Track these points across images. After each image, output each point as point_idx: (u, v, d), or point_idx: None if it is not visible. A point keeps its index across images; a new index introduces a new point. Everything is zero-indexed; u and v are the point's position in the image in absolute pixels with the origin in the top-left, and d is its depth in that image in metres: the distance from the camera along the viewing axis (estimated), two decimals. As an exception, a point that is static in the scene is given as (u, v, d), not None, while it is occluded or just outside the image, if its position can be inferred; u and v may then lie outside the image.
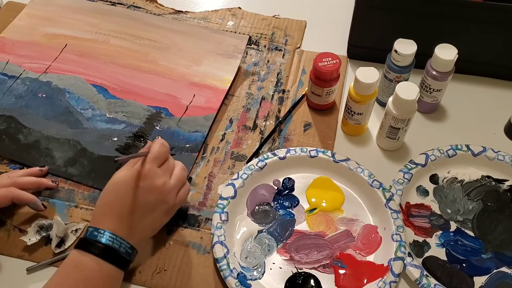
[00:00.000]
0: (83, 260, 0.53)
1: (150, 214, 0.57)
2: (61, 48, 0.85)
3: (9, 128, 0.74)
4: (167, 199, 0.58)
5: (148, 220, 0.57)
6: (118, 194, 0.56)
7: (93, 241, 0.54)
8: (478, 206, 0.68)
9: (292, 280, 0.61)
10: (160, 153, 0.58)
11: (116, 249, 0.54)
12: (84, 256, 0.53)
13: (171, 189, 0.58)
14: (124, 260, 0.55)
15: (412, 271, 0.60)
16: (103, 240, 0.54)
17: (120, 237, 0.55)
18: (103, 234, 0.54)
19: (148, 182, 0.56)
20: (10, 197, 0.62)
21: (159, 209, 0.58)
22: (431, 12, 0.74)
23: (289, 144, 0.74)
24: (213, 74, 0.81)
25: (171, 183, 0.59)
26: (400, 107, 0.67)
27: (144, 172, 0.56)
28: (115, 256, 0.54)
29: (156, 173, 0.57)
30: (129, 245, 0.55)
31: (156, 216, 0.58)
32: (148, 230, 0.59)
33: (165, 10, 0.92)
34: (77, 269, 0.53)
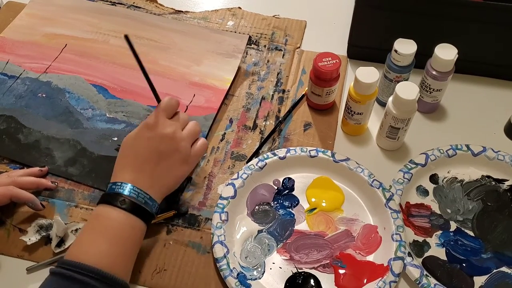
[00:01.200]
0: (104, 212, 0.56)
1: (165, 162, 0.59)
2: (61, 48, 0.85)
3: (9, 128, 0.74)
4: (180, 147, 0.60)
5: (164, 168, 0.59)
6: (131, 147, 0.59)
7: (112, 194, 0.56)
8: (478, 206, 0.68)
9: (292, 280, 0.61)
10: (169, 105, 0.61)
11: (135, 199, 0.56)
12: (104, 208, 0.56)
13: (182, 138, 0.60)
14: (144, 211, 0.57)
15: (412, 271, 0.60)
16: (120, 191, 0.56)
17: (138, 188, 0.57)
18: (121, 186, 0.56)
19: (158, 131, 0.59)
20: (9, 195, 0.62)
21: (173, 157, 0.60)
22: (431, 12, 0.74)
23: (289, 144, 0.74)
24: (213, 74, 0.81)
25: (183, 133, 0.61)
26: (400, 107, 0.67)
27: (153, 122, 0.59)
28: (136, 207, 0.56)
29: (165, 123, 0.60)
30: (148, 195, 0.57)
31: (171, 164, 0.60)
32: (166, 180, 0.60)
33: (165, 10, 0.92)
34: (97, 219, 0.56)
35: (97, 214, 0.57)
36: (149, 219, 0.58)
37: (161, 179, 0.59)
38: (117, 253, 0.55)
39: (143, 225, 0.57)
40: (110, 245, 0.54)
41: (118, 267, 0.54)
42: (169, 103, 0.61)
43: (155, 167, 0.58)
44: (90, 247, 0.54)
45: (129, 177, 0.57)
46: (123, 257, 0.55)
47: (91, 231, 0.56)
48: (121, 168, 0.59)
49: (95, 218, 0.56)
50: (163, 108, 0.60)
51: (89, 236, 0.55)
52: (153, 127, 0.59)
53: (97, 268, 0.52)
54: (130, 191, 0.56)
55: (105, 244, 0.54)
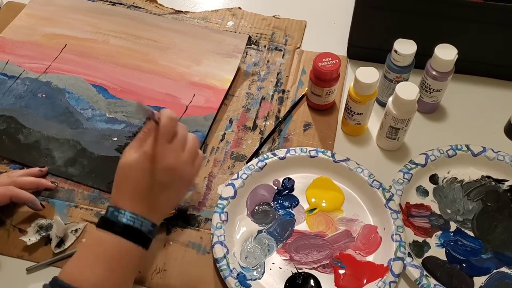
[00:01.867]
0: (104, 237, 0.54)
1: (168, 190, 0.57)
2: (60, 48, 0.85)
3: (9, 128, 0.74)
4: (183, 174, 0.57)
5: (167, 196, 0.57)
6: (131, 176, 0.55)
7: (114, 221, 0.54)
8: (478, 206, 0.68)
9: (291, 280, 0.61)
10: (168, 127, 0.56)
11: (137, 229, 0.54)
12: (105, 234, 0.54)
13: (185, 163, 0.57)
14: (143, 236, 0.55)
15: (412, 271, 0.60)
16: (124, 220, 0.54)
17: (140, 216, 0.55)
18: (124, 214, 0.54)
19: (162, 164, 0.55)
20: (9, 195, 0.62)
21: (176, 184, 0.57)
22: (431, 12, 0.74)
23: (289, 144, 0.74)
24: (213, 74, 0.81)
25: (185, 156, 0.57)
26: (400, 107, 0.67)
27: (153, 152, 0.55)
28: (136, 235, 0.54)
29: (167, 152, 0.56)
30: (150, 223, 0.55)
31: (175, 191, 0.58)
32: (168, 205, 0.59)
33: (165, 10, 0.92)
34: (98, 245, 0.54)
35: (94, 237, 0.55)
36: (148, 244, 0.56)
37: (162, 205, 0.57)
38: (114, 280, 0.53)
39: (142, 250, 0.55)
40: (109, 273, 0.53)
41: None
42: (168, 125, 0.56)
43: (157, 196, 0.56)
44: (87, 271, 0.52)
45: (129, 205, 0.55)
46: (120, 284, 0.54)
47: (87, 254, 0.54)
48: (120, 193, 0.56)
49: (95, 241, 0.55)
50: (163, 133, 0.56)
51: (85, 259, 0.54)
52: (154, 159, 0.55)
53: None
54: (132, 220, 0.54)
55: (102, 271, 0.52)
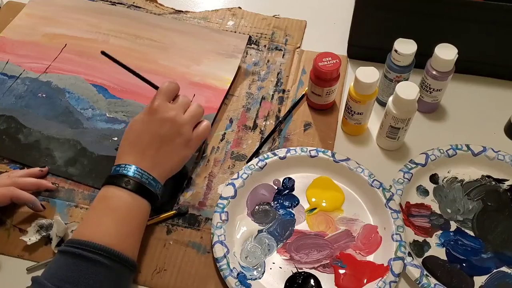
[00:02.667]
0: (110, 192, 0.57)
1: (167, 145, 0.61)
2: (61, 48, 0.85)
3: (9, 128, 0.74)
4: (182, 130, 0.62)
5: (167, 151, 0.61)
6: (134, 131, 0.61)
7: (117, 175, 0.58)
8: (478, 206, 0.68)
9: (292, 280, 0.61)
10: (169, 88, 0.63)
11: (142, 182, 0.58)
12: (110, 189, 0.57)
13: (184, 121, 0.62)
14: (148, 192, 0.59)
15: (412, 271, 0.60)
16: (125, 172, 0.58)
17: (142, 169, 0.59)
18: (125, 168, 0.58)
19: (160, 115, 0.61)
20: (10, 196, 0.62)
21: (176, 141, 0.61)
22: (431, 12, 0.74)
23: (289, 144, 0.74)
24: (213, 74, 0.81)
25: (184, 116, 0.62)
26: (400, 106, 0.67)
27: (154, 106, 0.61)
28: (140, 187, 0.58)
29: (166, 107, 0.62)
30: (151, 176, 0.59)
31: (174, 147, 0.61)
32: (168, 163, 0.62)
33: (165, 10, 0.92)
34: (104, 200, 0.57)
35: (103, 195, 0.58)
36: (153, 199, 0.59)
37: (163, 162, 0.61)
38: (125, 232, 0.56)
39: (148, 205, 0.59)
40: (117, 224, 0.55)
41: (125, 246, 0.55)
42: (169, 87, 0.63)
43: (157, 150, 0.60)
44: (98, 226, 0.55)
45: (132, 160, 0.59)
46: (130, 236, 0.57)
47: (98, 211, 0.57)
48: (124, 151, 0.61)
49: (101, 198, 0.58)
50: (164, 92, 0.62)
51: (96, 216, 0.56)
52: (154, 111, 0.61)
53: (106, 246, 0.53)
54: (134, 172, 0.58)
55: (112, 223, 0.55)
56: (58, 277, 0.51)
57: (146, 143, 0.60)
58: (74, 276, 0.51)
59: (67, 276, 0.51)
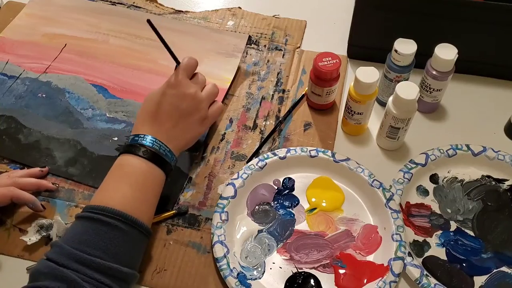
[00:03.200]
0: (126, 160, 0.58)
1: (185, 120, 0.62)
2: (60, 48, 0.85)
3: (9, 128, 0.74)
4: (200, 107, 0.63)
5: (183, 126, 0.62)
6: (154, 102, 0.62)
7: (134, 144, 0.59)
8: (478, 206, 0.68)
9: (292, 280, 0.61)
10: (190, 64, 0.64)
11: (156, 150, 0.59)
12: (127, 157, 0.58)
13: (203, 99, 0.63)
14: (164, 162, 0.59)
15: (412, 271, 0.60)
16: (143, 142, 0.59)
17: (159, 140, 0.59)
18: (143, 138, 0.59)
19: (181, 90, 0.62)
20: (10, 196, 0.62)
21: (193, 116, 0.63)
22: (431, 12, 0.74)
23: (289, 144, 0.74)
24: (213, 73, 0.81)
25: (203, 94, 0.64)
26: (400, 106, 0.67)
27: (177, 81, 0.62)
28: (157, 157, 0.59)
29: (187, 83, 0.63)
30: (168, 148, 0.60)
31: (190, 123, 0.63)
32: (184, 138, 0.63)
33: (165, 10, 0.92)
34: (121, 168, 0.58)
35: (120, 163, 0.59)
36: (168, 170, 0.60)
37: (179, 136, 0.62)
38: (141, 199, 0.57)
39: (163, 175, 0.60)
40: (134, 191, 0.56)
41: (141, 213, 0.56)
42: (189, 63, 0.64)
43: (175, 123, 0.61)
44: (115, 193, 0.56)
45: (150, 130, 0.60)
46: (146, 204, 0.58)
47: (115, 178, 0.58)
48: (142, 121, 0.61)
49: (118, 166, 0.59)
50: (184, 68, 0.63)
51: (113, 183, 0.57)
52: (176, 85, 0.62)
53: (123, 211, 0.54)
54: (152, 142, 0.59)
55: (129, 190, 0.56)
56: (77, 240, 0.52)
57: (165, 115, 0.61)
58: (92, 239, 0.52)
59: (86, 239, 0.52)
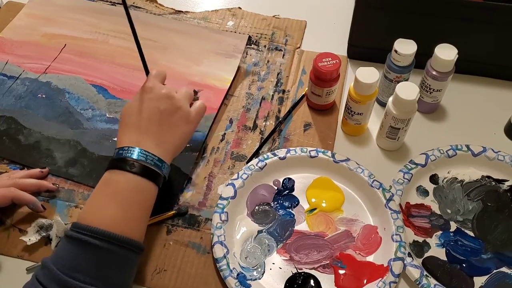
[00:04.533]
0: (113, 176, 0.56)
1: (167, 122, 0.60)
2: (60, 48, 0.85)
3: (9, 129, 0.74)
4: (179, 105, 0.62)
5: (168, 127, 0.60)
6: (132, 111, 0.60)
7: (120, 158, 0.56)
8: (478, 206, 0.68)
9: (292, 280, 0.61)
10: (159, 73, 0.64)
11: (143, 161, 0.56)
12: (114, 173, 0.56)
13: (179, 97, 0.62)
14: (154, 174, 0.57)
15: (412, 271, 0.60)
16: (129, 155, 0.56)
17: (145, 150, 0.57)
18: (128, 150, 0.57)
19: (155, 92, 0.61)
20: (11, 197, 0.62)
21: (175, 115, 0.61)
22: (431, 12, 0.74)
23: (289, 144, 0.74)
24: (212, 74, 0.81)
25: (178, 94, 0.63)
26: (400, 107, 0.67)
27: (149, 85, 0.61)
28: (145, 170, 0.56)
29: (160, 86, 0.62)
30: (156, 157, 0.58)
31: (174, 122, 0.61)
32: (172, 139, 0.61)
33: (165, 10, 0.92)
34: (108, 184, 0.56)
35: (106, 179, 0.57)
36: (159, 181, 0.58)
37: (166, 139, 0.60)
38: (131, 217, 0.55)
39: (154, 187, 0.58)
40: (123, 210, 0.55)
41: (132, 230, 0.54)
42: (160, 72, 0.64)
43: (159, 127, 0.59)
44: (104, 212, 0.54)
45: (135, 140, 0.58)
46: (137, 220, 0.56)
47: (103, 196, 0.56)
48: (125, 133, 0.59)
49: (105, 183, 0.56)
50: (155, 75, 0.63)
51: (100, 200, 0.55)
52: (149, 90, 0.61)
53: (113, 232, 0.52)
54: (138, 155, 0.57)
55: (118, 208, 0.54)
56: (67, 265, 0.51)
57: (147, 120, 0.59)
58: (82, 264, 0.51)
59: (76, 264, 0.51)
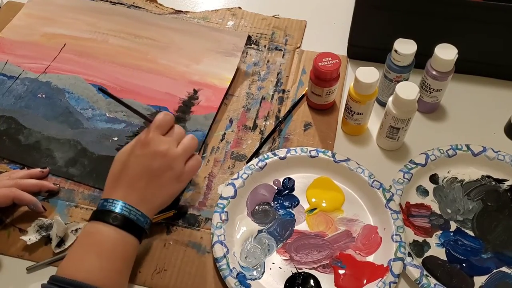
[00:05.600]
0: (95, 228, 0.55)
1: (157, 180, 0.58)
2: (60, 47, 0.85)
3: (10, 129, 0.74)
4: (173, 165, 0.58)
5: (157, 186, 0.58)
6: (123, 163, 0.58)
7: (103, 210, 0.55)
8: (478, 206, 0.68)
9: (291, 280, 0.61)
10: (163, 121, 0.59)
11: (129, 218, 0.55)
12: (96, 225, 0.55)
13: (177, 155, 0.59)
14: (136, 227, 0.56)
15: (412, 271, 0.60)
16: (112, 208, 0.55)
17: (129, 205, 0.56)
18: (112, 203, 0.55)
19: (151, 148, 0.57)
20: (12, 197, 0.62)
21: (166, 175, 0.58)
22: (431, 12, 0.74)
23: (289, 144, 0.74)
24: (212, 73, 0.81)
25: (177, 150, 0.59)
26: (400, 107, 0.67)
27: (147, 139, 0.58)
28: (129, 224, 0.55)
29: (159, 140, 0.58)
30: (139, 212, 0.56)
31: (164, 182, 0.58)
32: (159, 198, 0.59)
33: (165, 10, 0.92)
34: (89, 236, 0.55)
35: (88, 231, 0.55)
36: (141, 234, 0.57)
37: (152, 197, 0.58)
38: (110, 269, 0.53)
39: (136, 241, 0.56)
40: (103, 262, 0.53)
41: (111, 283, 0.53)
42: (164, 119, 0.59)
43: (147, 184, 0.57)
44: (82, 263, 0.53)
45: (120, 194, 0.56)
46: (116, 273, 0.54)
47: (83, 248, 0.54)
48: (112, 184, 0.57)
49: (87, 234, 0.55)
50: (157, 125, 0.59)
51: (80, 252, 0.54)
52: (145, 144, 0.58)
53: (91, 284, 0.50)
54: (121, 208, 0.55)
55: (97, 260, 0.53)
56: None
57: (136, 176, 0.57)
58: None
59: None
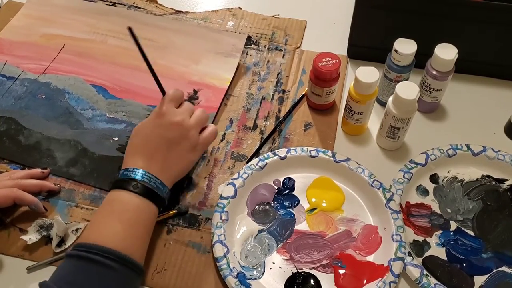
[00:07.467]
0: (117, 196, 0.57)
1: (174, 149, 0.61)
2: (59, 48, 0.85)
3: (10, 129, 0.74)
4: (189, 135, 0.62)
5: (174, 156, 0.61)
6: (142, 135, 0.61)
7: (125, 179, 0.58)
8: (478, 205, 0.68)
9: (292, 279, 0.61)
10: (176, 95, 0.63)
11: (147, 183, 0.58)
12: (118, 192, 0.57)
13: (191, 126, 0.62)
14: (156, 196, 0.59)
15: (412, 271, 0.60)
16: (133, 176, 0.58)
17: (149, 173, 0.59)
18: (133, 172, 0.58)
19: (167, 119, 0.61)
20: (13, 197, 0.62)
21: (182, 145, 0.62)
22: (431, 12, 0.74)
23: (289, 144, 0.74)
24: (212, 73, 0.81)
25: (191, 121, 0.63)
26: (400, 106, 0.67)
27: (162, 111, 0.61)
28: (148, 191, 0.58)
29: (174, 111, 0.62)
30: (159, 180, 0.59)
31: (180, 152, 0.62)
32: (176, 166, 0.62)
33: (165, 10, 0.92)
34: (112, 204, 0.58)
35: (111, 198, 0.58)
36: (160, 203, 0.60)
37: (170, 166, 0.61)
38: (133, 235, 0.56)
39: (155, 208, 0.59)
40: (125, 228, 0.55)
41: (134, 249, 0.55)
42: (176, 94, 0.63)
43: (165, 154, 0.60)
44: (106, 229, 0.55)
45: (140, 164, 0.59)
46: (138, 240, 0.57)
47: (106, 214, 0.57)
48: (132, 155, 0.61)
49: (109, 202, 0.58)
50: (171, 98, 0.62)
51: (104, 219, 0.56)
52: (162, 115, 0.61)
53: (114, 249, 0.52)
54: (142, 176, 0.58)
55: (120, 227, 0.55)
56: (64, 280, 0.51)
57: (154, 146, 0.60)
58: (81, 279, 0.51)
59: (74, 279, 0.51)
